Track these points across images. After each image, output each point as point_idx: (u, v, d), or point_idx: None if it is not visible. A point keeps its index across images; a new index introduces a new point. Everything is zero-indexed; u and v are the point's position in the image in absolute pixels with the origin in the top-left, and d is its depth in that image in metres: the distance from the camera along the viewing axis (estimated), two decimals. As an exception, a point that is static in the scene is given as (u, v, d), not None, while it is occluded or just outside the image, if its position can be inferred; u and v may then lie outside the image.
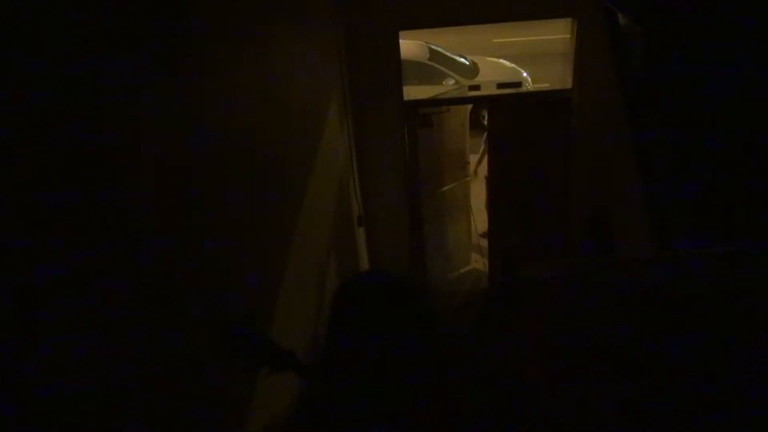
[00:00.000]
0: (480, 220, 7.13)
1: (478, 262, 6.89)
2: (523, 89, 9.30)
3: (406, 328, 1.04)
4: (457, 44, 10.34)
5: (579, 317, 2.99)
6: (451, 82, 9.55)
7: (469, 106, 7.40)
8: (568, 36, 5.20)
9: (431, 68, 9.51)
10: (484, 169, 7.01)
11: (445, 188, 6.29)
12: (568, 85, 5.25)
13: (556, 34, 8.02)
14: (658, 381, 1.84)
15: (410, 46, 8.74)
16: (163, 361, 1.37)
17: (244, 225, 2.07)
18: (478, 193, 7.44)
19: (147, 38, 1.38)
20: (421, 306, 1.09)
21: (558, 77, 5.94)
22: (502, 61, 10.34)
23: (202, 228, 1.67)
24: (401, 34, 5.16)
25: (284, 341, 1.51)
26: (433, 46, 9.81)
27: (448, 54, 9.98)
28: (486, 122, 7.76)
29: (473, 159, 7.02)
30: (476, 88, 9.44)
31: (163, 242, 1.40)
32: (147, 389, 1.28)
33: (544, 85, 9.10)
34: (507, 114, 5.63)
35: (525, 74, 9.81)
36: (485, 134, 6.77)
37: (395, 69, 5.20)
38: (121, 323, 1.18)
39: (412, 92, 7.84)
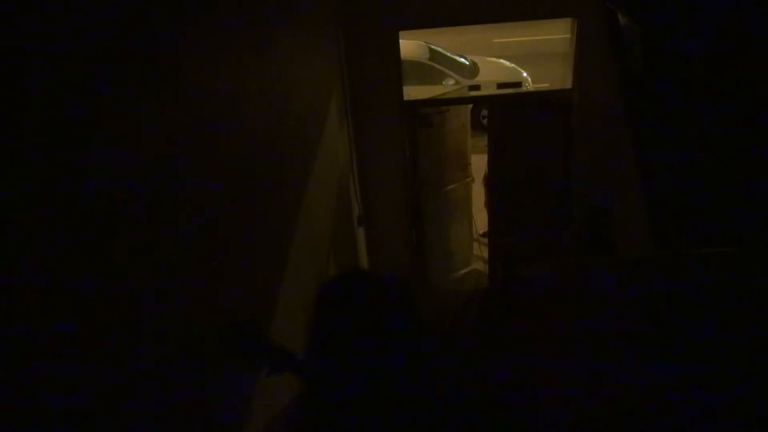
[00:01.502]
0: (480, 220, 7.13)
1: (479, 262, 6.89)
2: (523, 89, 9.30)
3: (390, 335, 1.01)
4: (457, 44, 10.35)
5: (578, 317, 2.99)
6: (451, 82, 9.55)
7: (470, 106, 7.40)
8: (568, 36, 5.20)
9: (431, 68, 9.51)
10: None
11: (445, 189, 6.29)
12: (568, 85, 5.25)
13: (556, 34, 8.03)
14: (658, 381, 1.84)
15: (410, 46, 8.74)
16: (163, 362, 1.36)
17: (244, 225, 2.07)
18: (479, 194, 7.44)
19: (146, 37, 1.38)
20: (406, 309, 1.06)
21: (558, 77, 5.94)
22: (502, 61, 10.34)
23: (203, 228, 1.67)
24: (401, 34, 5.16)
25: (284, 342, 1.51)
26: (433, 46, 9.81)
27: (448, 54, 9.98)
28: (486, 122, 7.76)
29: (474, 159, 7.01)
30: (476, 88, 9.44)
31: (162, 242, 1.40)
32: (146, 389, 1.28)
33: (544, 85, 9.11)
34: (507, 114, 5.63)
35: (525, 74, 9.81)
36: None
37: (395, 69, 5.20)
38: (119, 324, 1.18)
39: (412, 92, 7.84)
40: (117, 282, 1.18)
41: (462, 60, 10.06)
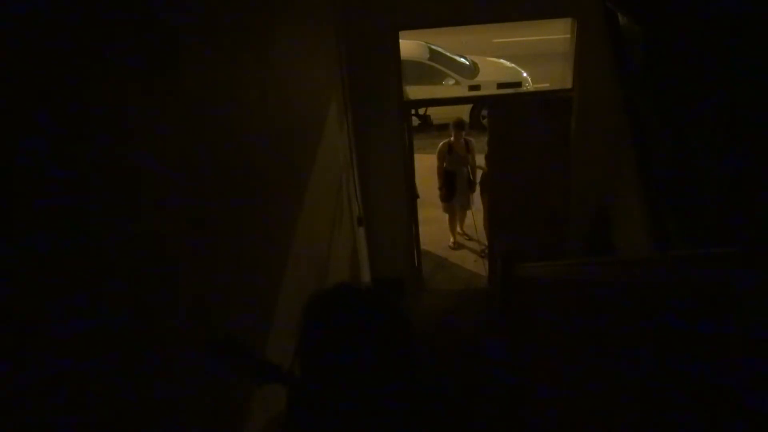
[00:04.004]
0: (480, 220, 7.13)
1: (478, 263, 6.89)
2: (523, 89, 9.30)
3: (381, 350, 0.99)
4: (457, 44, 10.36)
5: (577, 317, 2.99)
6: (451, 82, 9.56)
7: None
8: (568, 36, 5.20)
9: (431, 68, 9.52)
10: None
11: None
12: (568, 85, 5.25)
13: (556, 34, 8.03)
14: (657, 383, 1.84)
15: (410, 46, 8.74)
16: (156, 367, 1.36)
17: (243, 227, 2.07)
18: (479, 194, 7.44)
19: (144, 35, 1.37)
20: (396, 323, 1.04)
21: (558, 77, 5.94)
22: (502, 61, 10.35)
23: (200, 229, 1.66)
24: (401, 34, 5.16)
25: (283, 347, 1.50)
26: (433, 46, 9.82)
27: (448, 54, 9.98)
28: (486, 122, 7.75)
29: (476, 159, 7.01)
30: (476, 88, 9.45)
31: (157, 245, 1.39)
32: (142, 394, 1.28)
33: (544, 85, 9.11)
34: (507, 114, 5.64)
35: (525, 74, 9.82)
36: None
37: (395, 69, 5.20)
38: (118, 332, 1.18)
39: (411, 93, 7.83)
40: (115, 286, 1.18)
41: (462, 60, 10.07)
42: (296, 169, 2.99)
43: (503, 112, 5.69)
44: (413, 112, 6.10)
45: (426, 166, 7.29)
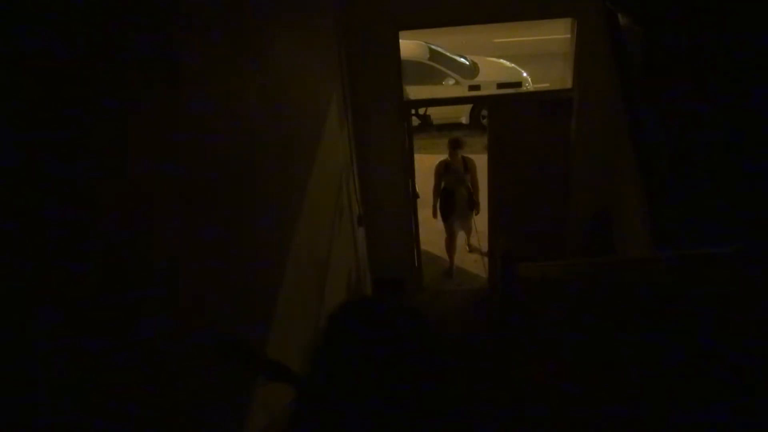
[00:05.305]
0: (480, 220, 7.13)
1: (478, 263, 6.89)
2: (523, 89, 9.30)
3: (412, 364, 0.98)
4: (457, 44, 10.36)
5: (577, 317, 2.99)
6: (451, 82, 9.57)
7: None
8: (568, 36, 5.21)
9: (431, 68, 9.52)
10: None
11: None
12: (568, 85, 5.26)
13: (556, 34, 8.03)
14: (656, 382, 1.84)
15: (410, 46, 8.74)
16: (157, 364, 1.36)
17: (243, 227, 2.07)
18: (482, 193, 7.44)
19: (143, 35, 1.37)
20: (427, 337, 1.04)
21: (558, 77, 5.95)
22: (502, 61, 10.35)
23: (200, 233, 1.66)
24: (401, 34, 5.16)
25: (283, 347, 1.50)
26: (433, 46, 9.82)
27: (448, 54, 9.99)
28: (486, 122, 7.75)
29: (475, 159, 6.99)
30: (476, 88, 9.45)
31: (157, 248, 1.39)
32: (145, 392, 1.28)
33: (544, 85, 9.11)
34: (507, 114, 5.64)
35: (525, 74, 9.82)
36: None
37: (395, 69, 5.21)
38: (116, 329, 1.18)
39: (413, 92, 7.84)
40: (114, 289, 1.18)
41: (462, 60, 10.07)
42: (296, 168, 2.99)
43: (503, 112, 5.69)
44: (413, 112, 6.07)
45: (426, 166, 7.29)
